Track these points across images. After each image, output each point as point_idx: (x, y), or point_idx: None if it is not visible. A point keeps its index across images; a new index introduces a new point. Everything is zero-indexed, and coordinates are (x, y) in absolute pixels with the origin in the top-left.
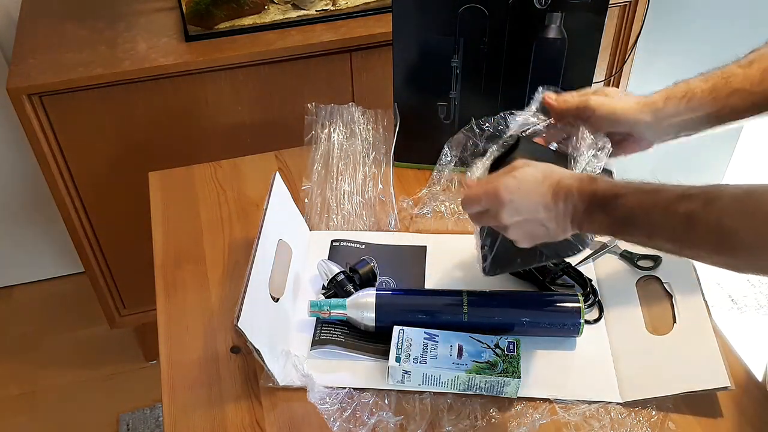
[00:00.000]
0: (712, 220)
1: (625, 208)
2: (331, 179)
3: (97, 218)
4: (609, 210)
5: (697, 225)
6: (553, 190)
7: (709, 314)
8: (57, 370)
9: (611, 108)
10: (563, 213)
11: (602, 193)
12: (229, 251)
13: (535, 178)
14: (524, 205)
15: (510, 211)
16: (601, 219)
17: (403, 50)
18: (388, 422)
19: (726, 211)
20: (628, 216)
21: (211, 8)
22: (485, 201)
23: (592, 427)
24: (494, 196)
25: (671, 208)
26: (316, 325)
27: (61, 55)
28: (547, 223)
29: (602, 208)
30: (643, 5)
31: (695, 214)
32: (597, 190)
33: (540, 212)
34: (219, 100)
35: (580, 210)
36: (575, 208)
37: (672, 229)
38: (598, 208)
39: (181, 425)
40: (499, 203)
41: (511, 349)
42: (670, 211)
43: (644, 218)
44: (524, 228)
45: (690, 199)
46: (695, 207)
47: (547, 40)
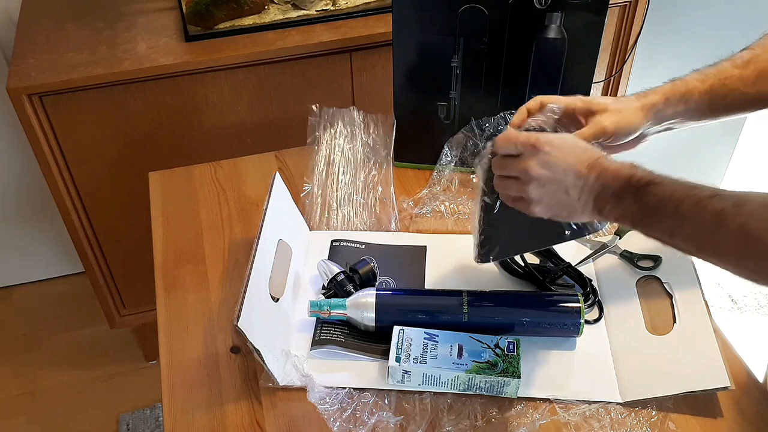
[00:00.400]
0: (739, 221)
1: (656, 196)
2: (332, 179)
3: (97, 218)
4: (640, 196)
5: (724, 224)
6: (590, 162)
7: (709, 314)
8: (57, 370)
9: (627, 126)
10: (591, 188)
11: (638, 177)
12: (229, 251)
13: (576, 144)
14: (558, 162)
15: (541, 163)
16: (629, 204)
17: (403, 50)
18: (388, 422)
19: (754, 215)
20: (658, 205)
21: (211, 8)
22: (522, 144)
23: (592, 427)
24: (533, 142)
25: (702, 204)
26: (316, 325)
27: (61, 55)
28: (572, 191)
29: (634, 193)
30: (643, 5)
31: (724, 213)
32: (634, 174)
33: (569, 176)
34: (219, 100)
35: (610, 190)
36: (604, 187)
37: (698, 225)
38: (629, 193)
39: (181, 425)
40: (535, 150)
41: (511, 349)
42: (701, 206)
43: (673, 210)
44: (547, 188)
45: (721, 199)
46: (725, 206)
47: (547, 40)
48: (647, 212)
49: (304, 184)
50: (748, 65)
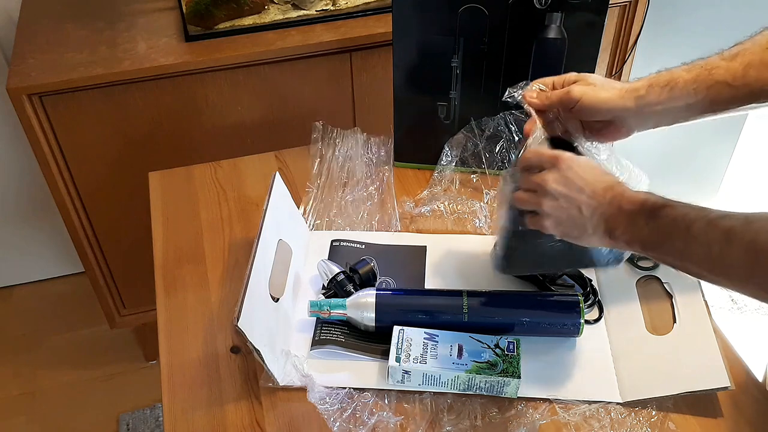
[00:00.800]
0: (749, 237)
1: (669, 218)
2: (332, 179)
3: (97, 218)
4: (653, 218)
5: (734, 241)
6: (606, 184)
7: (709, 314)
8: (57, 370)
9: (594, 97)
10: (604, 209)
11: (653, 201)
12: (229, 251)
13: (597, 167)
14: (575, 179)
15: (559, 178)
16: (641, 227)
17: (403, 50)
18: (388, 422)
19: (762, 230)
20: (670, 227)
21: (211, 8)
22: (545, 160)
23: (592, 427)
24: (555, 158)
25: (713, 223)
26: (316, 325)
27: (61, 55)
28: (585, 209)
29: (647, 215)
30: (643, 5)
31: (734, 230)
32: (648, 199)
33: (584, 195)
34: (219, 100)
35: (623, 213)
36: (619, 209)
37: (709, 243)
38: (642, 216)
39: (181, 425)
40: (555, 165)
41: (511, 349)
42: (711, 226)
43: (684, 231)
44: (561, 204)
45: (732, 217)
46: (735, 223)
47: (547, 40)
48: (659, 235)
49: (306, 185)
50: (735, 57)
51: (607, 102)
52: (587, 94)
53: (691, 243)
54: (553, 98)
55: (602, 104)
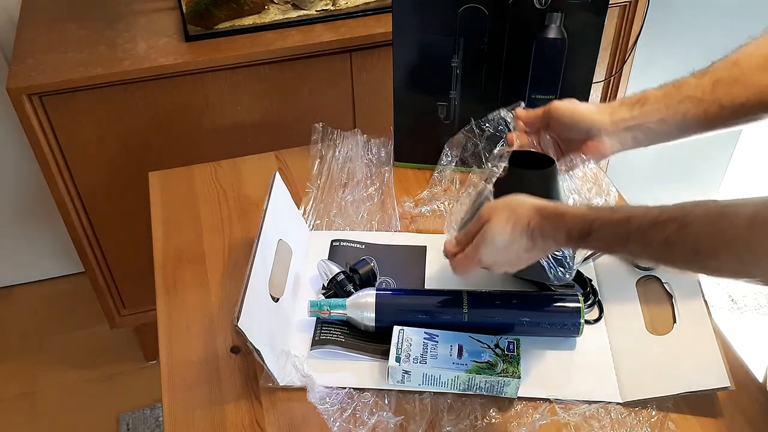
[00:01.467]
0: (689, 244)
1: (600, 242)
2: (332, 179)
3: (97, 218)
4: (587, 243)
5: (675, 249)
6: (528, 234)
7: (709, 314)
8: (57, 370)
9: (572, 108)
10: (546, 246)
11: (576, 232)
12: (229, 251)
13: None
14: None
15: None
16: (585, 245)
17: (403, 50)
18: (388, 422)
19: (701, 234)
20: (608, 245)
21: (211, 8)
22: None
23: (592, 427)
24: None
25: (645, 239)
26: (316, 325)
27: (61, 55)
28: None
29: (580, 242)
30: (643, 5)
31: (670, 240)
32: (571, 230)
33: (523, 255)
34: (219, 100)
35: (563, 242)
36: (555, 239)
37: (652, 253)
38: (576, 243)
39: (181, 425)
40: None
41: (511, 349)
42: (645, 241)
43: (622, 248)
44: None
45: (663, 226)
46: (669, 234)
47: (547, 40)
48: (603, 249)
49: (306, 186)
50: (705, 75)
51: (584, 114)
52: (566, 107)
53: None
54: (538, 112)
55: (579, 115)
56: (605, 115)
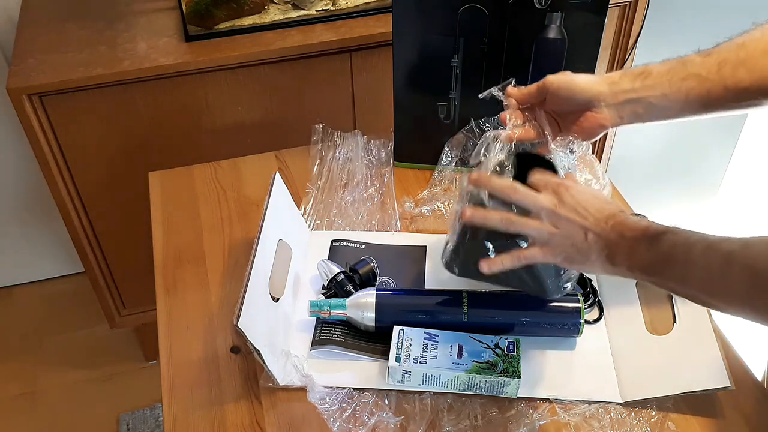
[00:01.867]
0: (747, 262)
1: (670, 242)
2: (332, 181)
3: (97, 218)
4: (654, 244)
5: (733, 264)
6: (609, 212)
7: (709, 314)
8: (57, 370)
9: (569, 81)
10: (607, 235)
11: (655, 227)
12: (229, 251)
13: (597, 194)
14: (580, 207)
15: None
16: (642, 254)
17: (403, 50)
18: (388, 422)
19: (761, 255)
20: (671, 251)
21: (211, 8)
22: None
23: (592, 427)
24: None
25: (713, 246)
26: (316, 325)
27: (61, 55)
28: (590, 237)
29: (649, 242)
30: (643, 5)
31: (733, 254)
32: (651, 225)
33: (588, 221)
34: (219, 100)
35: (625, 240)
36: (621, 236)
37: (708, 267)
38: (644, 242)
39: (181, 425)
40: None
41: (511, 349)
42: (711, 249)
43: (684, 255)
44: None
45: (730, 242)
46: (735, 248)
47: (547, 40)
48: (660, 260)
49: (306, 186)
50: (711, 54)
51: (582, 85)
52: (560, 79)
53: (691, 267)
54: (531, 89)
55: (577, 86)
56: (604, 86)
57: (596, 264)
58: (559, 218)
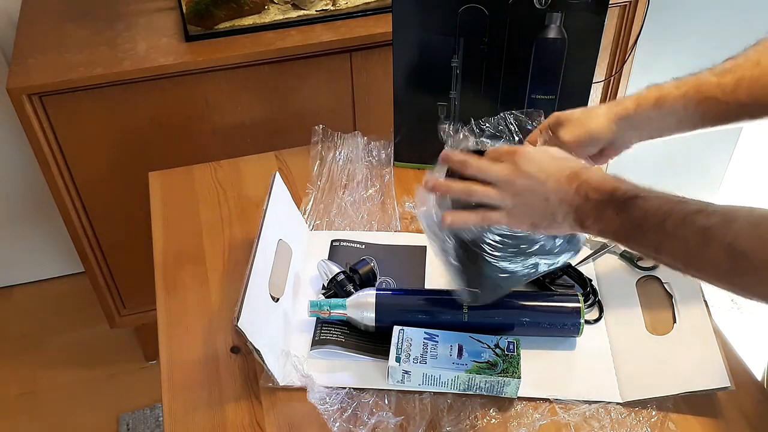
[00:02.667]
0: (727, 239)
1: (641, 210)
2: (332, 181)
3: (97, 218)
4: (624, 209)
5: (712, 241)
6: (571, 172)
7: (709, 314)
8: (57, 370)
9: (586, 131)
10: (571, 198)
11: (623, 191)
12: (229, 251)
13: (556, 155)
14: (538, 171)
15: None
16: (611, 218)
17: (403, 50)
18: (388, 422)
19: (741, 232)
20: (642, 220)
21: (211, 8)
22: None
23: (592, 427)
24: (513, 151)
25: (688, 219)
26: (316, 325)
27: (61, 55)
28: (552, 198)
29: (617, 206)
30: (643, 5)
31: (711, 230)
32: (618, 188)
33: (549, 184)
34: (219, 100)
35: (591, 203)
36: (586, 198)
37: (684, 240)
38: (611, 206)
39: (181, 425)
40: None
41: (511, 349)
42: (687, 222)
43: (658, 225)
44: (525, 197)
45: (708, 215)
46: (712, 223)
47: (547, 40)
48: (631, 227)
49: (306, 186)
50: (726, 74)
51: (600, 131)
52: (579, 137)
53: (665, 237)
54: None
55: (595, 135)
56: (622, 124)
57: (565, 226)
58: (516, 186)
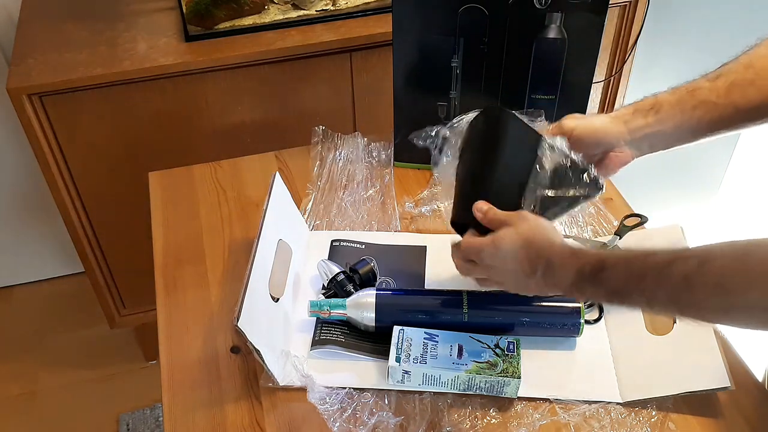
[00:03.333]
0: (711, 280)
1: (615, 280)
2: (332, 182)
3: (97, 218)
4: (599, 282)
5: (696, 286)
6: (530, 260)
7: None
8: (57, 370)
9: (589, 126)
10: (545, 284)
11: (589, 268)
12: (229, 251)
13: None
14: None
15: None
16: (593, 291)
17: (403, 50)
18: (388, 422)
19: (726, 270)
20: (621, 286)
21: (211, 8)
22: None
23: (592, 427)
24: (472, 259)
25: (665, 272)
26: (316, 325)
27: (61, 55)
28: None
29: (591, 282)
30: (643, 5)
31: (691, 276)
32: (583, 267)
33: (519, 278)
34: (219, 100)
35: (567, 283)
36: (561, 280)
37: (670, 291)
38: (587, 282)
39: (181, 425)
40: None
41: (511, 349)
42: (663, 275)
43: (637, 286)
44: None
45: (684, 261)
46: (690, 269)
47: (547, 40)
48: (614, 294)
49: (306, 186)
50: (718, 78)
51: (602, 129)
52: (582, 127)
53: (651, 294)
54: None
55: (600, 134)
56: (621, 126)
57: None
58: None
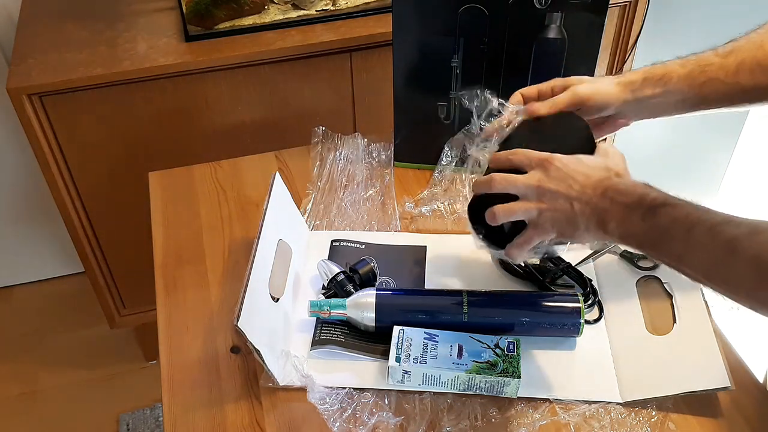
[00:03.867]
0: (754, 250)
1: (669, 217)
2: (332, 182)
3: (97, 218)
4: (651, 215)
5: (738, 252)
6: (599, 178)
7: (709, 314)
8: (57, 370)
9: (600, 94)
10: (596, 203)
11: (652, 197)
12: (229, 251)
13: (588, 163)
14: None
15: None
16: (636, 224)
17: (403, 50)
18: (388, 422)
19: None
20: (669, 227)
21: (211, 8)
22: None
23: (592, 428)
24: (545, 158)
25: (716, 228)
26: (316, 325)
27: (61, 55)
28: (576, 205)
29: (644, 212)
30: (643, 5)
31: (739, 241)
32: (648, 194)
33: (574, 189)
34: (219, 100)
35: (617, 206)
36: (612, 202)
37: (710, 250)
38: (638, 211)
39: (181, 425)
40: (544, 166)
41: (511, 349)
42: (714, 231)
43: (684, 234)
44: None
45: (736, 225)
46: (740, 233)
47: (547, 40)
48: (656, 234)
49: (306, 186)
50: (729, 55)
51: (612, 96)
52: (594, 93)
53: (690, 247)
54: (560, 104)
55: (608, 102)
56: (628, 94)
57: (587, 234)
58: (544, 193)
